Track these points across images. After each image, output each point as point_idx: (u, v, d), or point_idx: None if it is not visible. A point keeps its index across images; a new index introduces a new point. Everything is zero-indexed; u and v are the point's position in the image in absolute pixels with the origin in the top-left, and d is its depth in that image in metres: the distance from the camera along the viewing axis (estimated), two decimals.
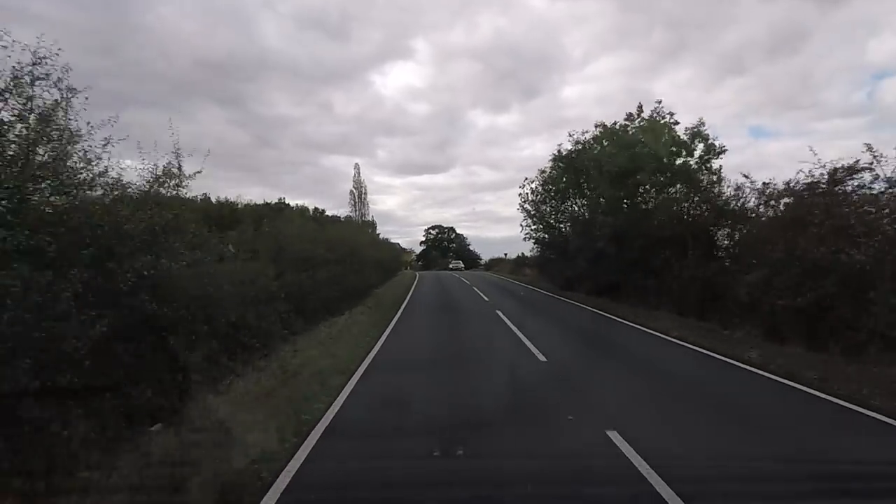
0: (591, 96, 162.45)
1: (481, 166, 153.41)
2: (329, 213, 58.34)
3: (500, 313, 15.35)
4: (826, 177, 10.73)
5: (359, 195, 64.19)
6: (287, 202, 62.90)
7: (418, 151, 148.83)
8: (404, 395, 6.77)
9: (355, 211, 62.24)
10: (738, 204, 14.49)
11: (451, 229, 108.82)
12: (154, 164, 6.92)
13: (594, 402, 6.63)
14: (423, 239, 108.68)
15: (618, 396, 6.94)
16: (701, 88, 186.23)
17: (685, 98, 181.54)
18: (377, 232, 74.96)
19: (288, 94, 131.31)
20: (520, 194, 27.78)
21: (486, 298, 20.79)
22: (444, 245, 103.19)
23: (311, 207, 76.38)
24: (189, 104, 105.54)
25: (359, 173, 66.28)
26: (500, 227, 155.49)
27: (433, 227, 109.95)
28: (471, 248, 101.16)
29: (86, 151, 5.88)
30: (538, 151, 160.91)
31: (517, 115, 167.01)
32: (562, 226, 26.74)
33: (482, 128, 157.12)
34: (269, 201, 64.97)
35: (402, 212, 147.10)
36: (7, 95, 5.14)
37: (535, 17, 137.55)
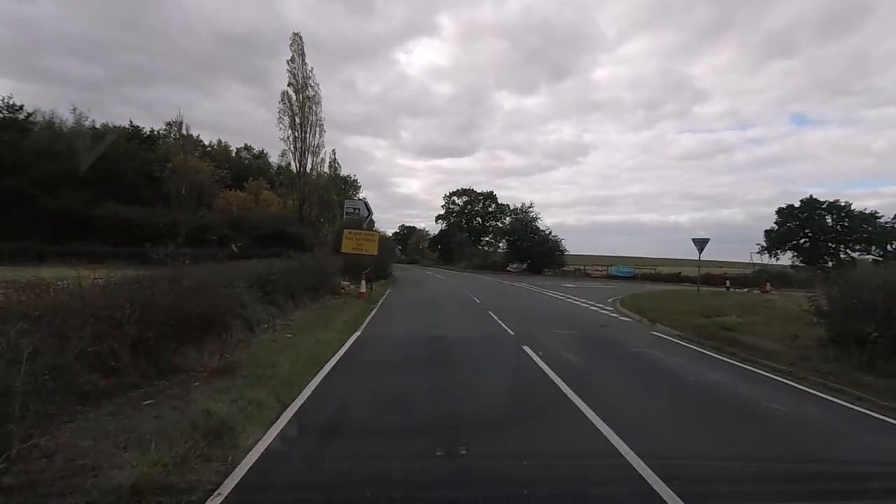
0: (624, 79, 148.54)
1: (506, 150, 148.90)
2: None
3: None
4: None
5: (300, 104, 33.50)
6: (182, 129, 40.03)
7: (441, 134, 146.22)
8: None
9: (292, 141, 34.17)
10: None
11: (490, 196, 76.83)
12: None
13: None
14: (442, 212, 75.99)
15: None
16: (742, 71, 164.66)
17: (724, 82, 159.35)
18: (360, 195, 50.45)
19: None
20: None
21: None
22: (478, 223, 74.34)
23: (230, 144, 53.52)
24: (213, 81, 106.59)
25: (301, 53, 33.21)
26: None
27: (459, 193, 75.61)
28: (537, 224, 50.96)
29: None
30: (566, 136, 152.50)
31: (545, 97, 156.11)
32: None
33: (508, 110, 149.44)
34: (138, 125, 43.09)
35: (425, 195, 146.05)
36: None
37: None
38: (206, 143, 52.19)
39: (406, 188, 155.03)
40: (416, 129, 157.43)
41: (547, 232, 49.64)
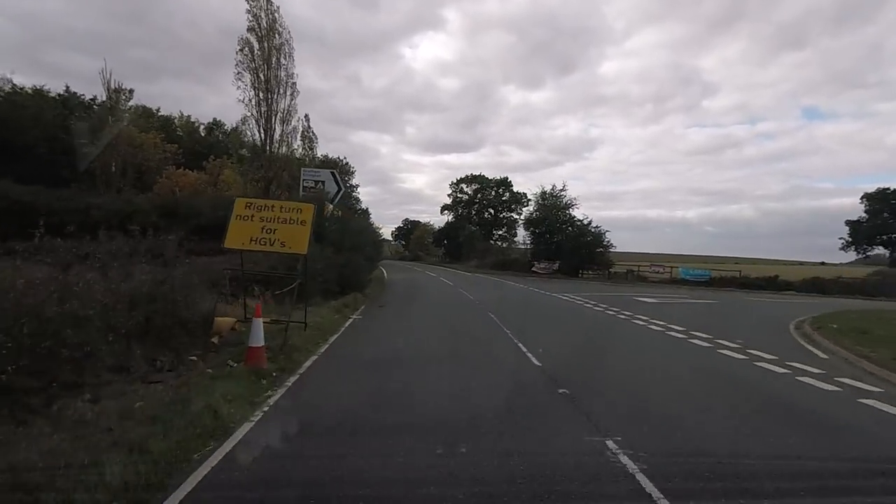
0: (631, 72, 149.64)
1: (512, 146, 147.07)
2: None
3: None
4: None
5: (265, 55, 24.67)
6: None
7: (447, 129, 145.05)
8: None
9: (255, 105, 24.74)
10: None
11: (504, 182, 65.40)
12: None
13: None
14: (449, 202, 66.45)
15: None
16: (753, 64, 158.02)
17: (733, 75, 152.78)
18: (354, 184, 41.94)
19: (315, 66, 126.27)
20: None
21: None
22: (489, 214, 65.12)
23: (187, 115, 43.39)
24: (218, 76, 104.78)
25: None
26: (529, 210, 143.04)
27: (468, 180, 66.12)
28: (572, 212, 39.19)
29: None
30: (572, 131, 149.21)
31: (551, 91, 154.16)
32: None
33: (514, 105, 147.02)
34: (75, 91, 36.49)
35: (431, 191, 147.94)
36: None
37: None
38: (168, 115, 43.70)
39: (411, 184, 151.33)
40: (422, 125, 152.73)
41: (586, 222, 37.92)
